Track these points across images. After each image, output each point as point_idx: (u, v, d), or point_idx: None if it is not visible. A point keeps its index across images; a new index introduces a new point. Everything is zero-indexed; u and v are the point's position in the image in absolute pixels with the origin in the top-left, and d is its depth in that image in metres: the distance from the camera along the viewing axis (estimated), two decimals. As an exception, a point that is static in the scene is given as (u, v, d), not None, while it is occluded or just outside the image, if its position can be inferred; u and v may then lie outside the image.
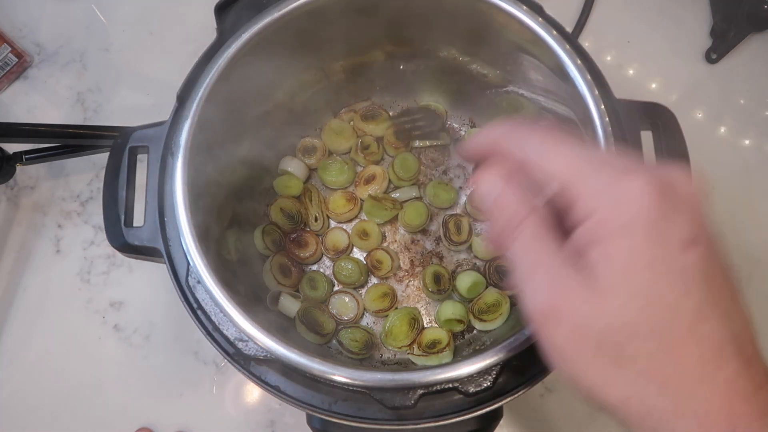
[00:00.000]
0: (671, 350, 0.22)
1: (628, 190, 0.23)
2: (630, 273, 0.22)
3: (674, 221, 0.23)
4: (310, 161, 0.60)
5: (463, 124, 0.62)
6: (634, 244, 0.22)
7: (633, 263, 0.22)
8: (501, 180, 0.27)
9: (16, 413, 0.60)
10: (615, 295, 0.23)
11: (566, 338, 0.24)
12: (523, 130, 0.27)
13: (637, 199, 0.22)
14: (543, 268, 0.25)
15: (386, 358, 0.54)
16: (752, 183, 0.64)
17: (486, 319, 0.52)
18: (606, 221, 0.23)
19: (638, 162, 0.25)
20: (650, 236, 0.22)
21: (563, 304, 0.24)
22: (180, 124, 0.43)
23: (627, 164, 0.24)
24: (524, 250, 0.26)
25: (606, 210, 0.23)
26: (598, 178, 0.24)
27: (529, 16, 0.43)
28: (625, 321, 0.22)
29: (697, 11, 0.70)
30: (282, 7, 0.45)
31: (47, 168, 0.67)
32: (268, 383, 0.40)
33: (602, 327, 0.23)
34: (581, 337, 0.23)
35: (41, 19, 0.73)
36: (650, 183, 0.23)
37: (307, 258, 0.56)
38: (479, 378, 0.37)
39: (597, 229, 0.23)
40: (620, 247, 0.23)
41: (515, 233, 0.26)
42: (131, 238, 0.43)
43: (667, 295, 0.22)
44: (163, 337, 0.61)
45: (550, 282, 0.24)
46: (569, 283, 0.24)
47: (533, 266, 0.25)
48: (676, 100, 0.67)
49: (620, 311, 0.22)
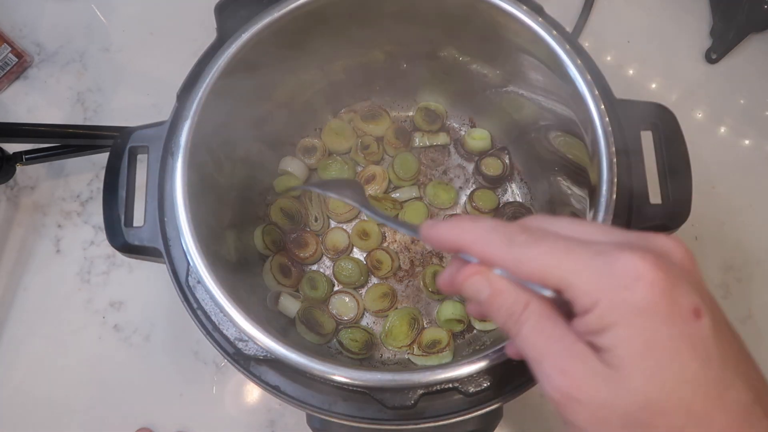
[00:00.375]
0: (700, 422, 0.22)
1: (626, 272, 0.23)
2: (649, 352, 0.22)
3: (680, 292, 0.23)
4: (310, 161, 0.60)
5: (463, 124, 0.62)
6: (648, 324, 0.22)
7: (651, 342, 0.22)
8: (491, 276, 0.26)
9: (16, 413, 0.60)
10: (636, 375, 0.23)
11: (588, 420, 0.24)
12: (493, 233, 0.26)
13: (639, 279, 0.22)
14: (556, 350, 0.24)
15: (386, 358, 0.54)
16: (752, 183, 0.64)
17: (486, 319, 0.52)
18: (613, 307, 0.23)
19: (618, 234, 0.25)
20: (662, 313, 0.22)
21: (582, 387, 0.23)
22: (180, 124, 0.43)
23: (611, 240, 0.24)
24: (533, 335, 0.25)
25: (610, 296, 0.23)
26: (591, 266, 0.23)
27: (529, 16, 0.43)
28: (648, 399, 0.22)
29: (697, 11, 0.70)
30: (282, 7, 0.45)
31: (47, 168, 0.67)
32: (268, 383, 0.40)
33: (625, 407, 0.23)
34: (604, 418, 0.23)
35: (41, 19, 0.73)
36: (645, 259, 0.23)
37: (307, 258, 0.57)
38: (479, 378, 0.37)
39: (606, 316, 0.23)
40: (635, 329, 0.23)
41: (520, 321, 0.25)
42: (131, 238, 0.43)
43: (688, 368, 0.22)
44: (163, 337, 0.61)
45: (565, 365, 0.24)
46: (586, 363, 0.24)
47: (545, 349, 0.25)
48: (676, 100, 0.67)
49: (643, 390, 0.22)
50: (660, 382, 0.22)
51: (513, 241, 0.25)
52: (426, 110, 0.60)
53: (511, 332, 0.26)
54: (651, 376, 0.22)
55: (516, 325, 0.26)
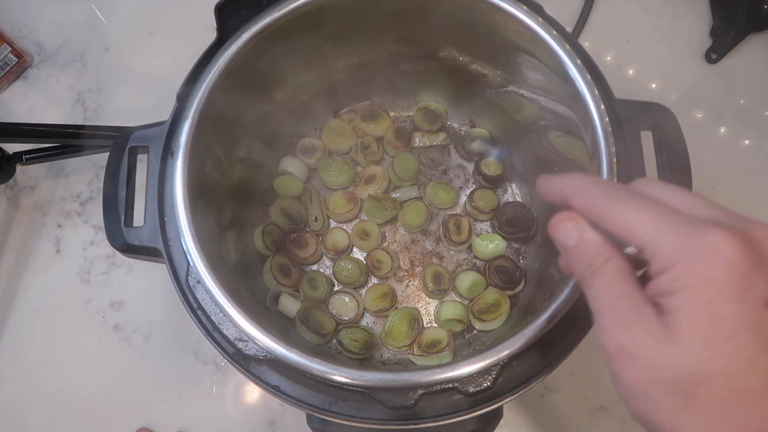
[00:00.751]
0: (744, 402, 0.23)
1: (711, 244, 0.23)
2: (710, 323, 0.23)
3: (758, 279, 0.23)
4: (310, 161, 0.60)
5: (463, 124, 0.62)
6: (717, 296, 0.23)
7: (714, 314, 0.23)
8: (582, 225, 0.28)
9: (16, 413, 0.60)
10: (693, 341, 0.23)
11: (635, 377, 0.24)
12: (596, 186, 0.28)
13: (722, 253, 0.23)
14: (622, 306, 0.25)
15: (386, 358, 0.54)
16: (752, 183, 0.64)
17: (486, 319, 0.52)
18: (689, 272, 0.23)
19: (721, 212, 0.26)
20: (734, 291, 0.23)
21: (638, 343, 0.24)
22: (180, 124, 0.43)
23: (711, 216, 0.25)
24: (605, 288, 0.26)
25: (689, 262, 0.23)
26: (678, 231, 0.24)
27: (529, 16, 0.43)
28: (698, 367, 0.23)
29: (697, 11, 0.70)
30: (282, 7, 0.45)
31: (47, 168, 0.67)
32: (268, 383, 0.40)
33: (676, 369, 0.23)
34: (653, 377, 0.24)
35: (41, 19, 0.73)
36: (734, 239, 0.23)
37: (307, 258, 0.57)
38: (479, 378, 0.37)
39: (679, 278, 0.24)
40: (703, 297, 0.23)
41: (598, 272, 0.27)
42: (131, 238, 0.43)
43: (745, 349, 0.23)
44: (163, 337, 0.61)
45: (627, 320, 0.25)
46: (646, 323, 0.24)
47: (612, 303, 0.26)
48: (676, 100, 0.67)
49: (697, 356, 0.23)
50: (714, 354, 0.23)
51: (612, 195, 0.27)
52: (426, 110, 0.60)
53: (585, 282, 0.27)
54: (706, 346, 0.23)
55: (592, 276, 0.27)
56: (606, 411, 0.58)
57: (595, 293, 0.27)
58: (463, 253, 0.58)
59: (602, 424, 0.57)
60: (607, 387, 0.58)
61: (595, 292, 0.27)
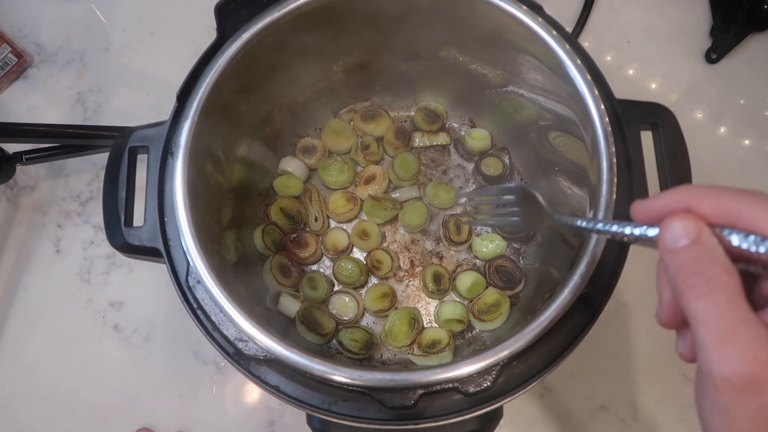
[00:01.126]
0: None
1: None
2: None
3: None
4: (310, 161, 0.60)
5: (463, 124, 0.62)
6: None
7: None
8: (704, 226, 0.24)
9: (16, 413, 0.60)
10: None
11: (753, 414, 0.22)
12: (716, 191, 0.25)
13: None
14: (746, 333, 0.22)
15: (386, 358, 0.54)
16: (752, 183, 0.64)
17: (486, 319, 0.52)
18: None
19: None
20: None
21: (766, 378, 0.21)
22: (180, 124, 0.43)
23: None
24: (724, 307, 0.23)
25: None
26: None
27: (529, 16, 0.43)
28: None
29: (697, 11, 0.70)
30: (282, 7, 0.45)
31: (47, 168, 0.67)
32: (268, 383, 0.40)
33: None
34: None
35: (41, 19, 0.73)
36: None
37: (307, 258, 0.57)
38: (479, 378, 0.37)
39: None
40: None
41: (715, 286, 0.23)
42: (131, 238, 0.43)
43: None
44: (163, 337, 0.61)
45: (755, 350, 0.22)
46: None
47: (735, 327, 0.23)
48: (676, 100, 0.67)
49: None
50: None
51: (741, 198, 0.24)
52: (426, 110, 0.60)
53: (691, 293, 0.24)
54: None
55: (706, 287, 0.23)
56: (606, 411, 0.58)
57: (708, 311, 0.23)
58: (463, 253, 0.58)
59: (602, 424, 0.57)
60: (607, 387, 0.58)
61: (707, 309, 0.23)
